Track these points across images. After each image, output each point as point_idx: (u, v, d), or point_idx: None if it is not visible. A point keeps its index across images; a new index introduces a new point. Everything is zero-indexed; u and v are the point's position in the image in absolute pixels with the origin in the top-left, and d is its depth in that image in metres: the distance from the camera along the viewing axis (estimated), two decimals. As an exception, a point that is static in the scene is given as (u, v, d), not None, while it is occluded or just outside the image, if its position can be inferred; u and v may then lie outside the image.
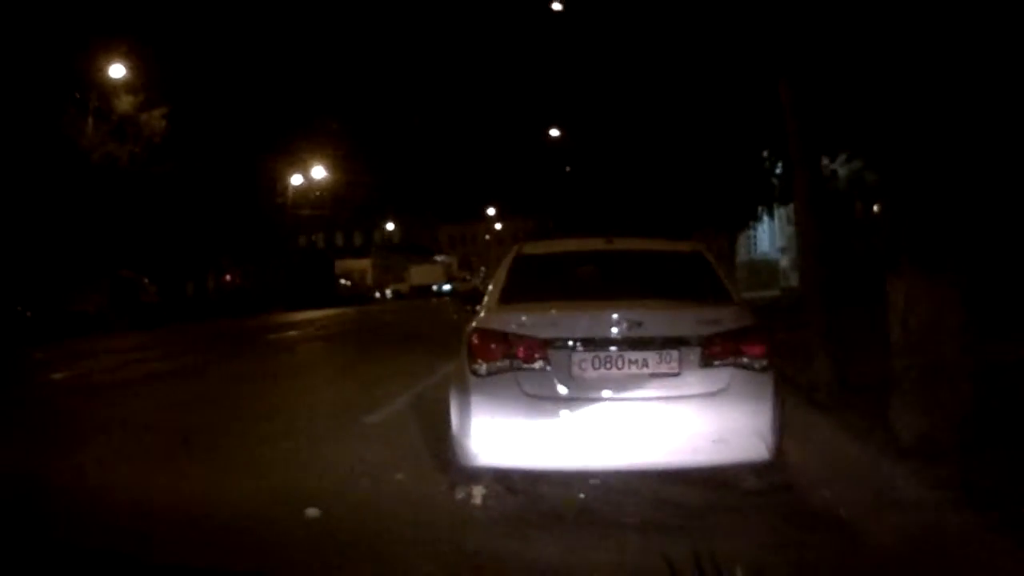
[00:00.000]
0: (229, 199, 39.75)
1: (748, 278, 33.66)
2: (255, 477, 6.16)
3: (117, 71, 32.62)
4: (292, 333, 24.33)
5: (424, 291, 64.96)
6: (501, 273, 6.16)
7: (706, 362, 5.09)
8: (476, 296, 6.81)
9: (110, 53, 32.08)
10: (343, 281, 57.15)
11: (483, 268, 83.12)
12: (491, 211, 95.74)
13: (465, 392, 5.21)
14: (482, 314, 5.66)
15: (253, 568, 3.60)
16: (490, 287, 6.19)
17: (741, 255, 38.27)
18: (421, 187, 76.85)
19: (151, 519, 4.95)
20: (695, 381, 5.09)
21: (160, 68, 33.31)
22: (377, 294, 61.79)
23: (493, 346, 5.19)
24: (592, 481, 5.47)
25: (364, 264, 68.37)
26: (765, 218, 28.98)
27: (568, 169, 38.22)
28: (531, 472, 5.39)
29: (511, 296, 5.76)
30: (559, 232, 35.83)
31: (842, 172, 22.26)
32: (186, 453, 7.05)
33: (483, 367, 5.17)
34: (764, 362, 5.17)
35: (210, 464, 6.63)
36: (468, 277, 78.28)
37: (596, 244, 6.54)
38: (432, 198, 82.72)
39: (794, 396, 7.85)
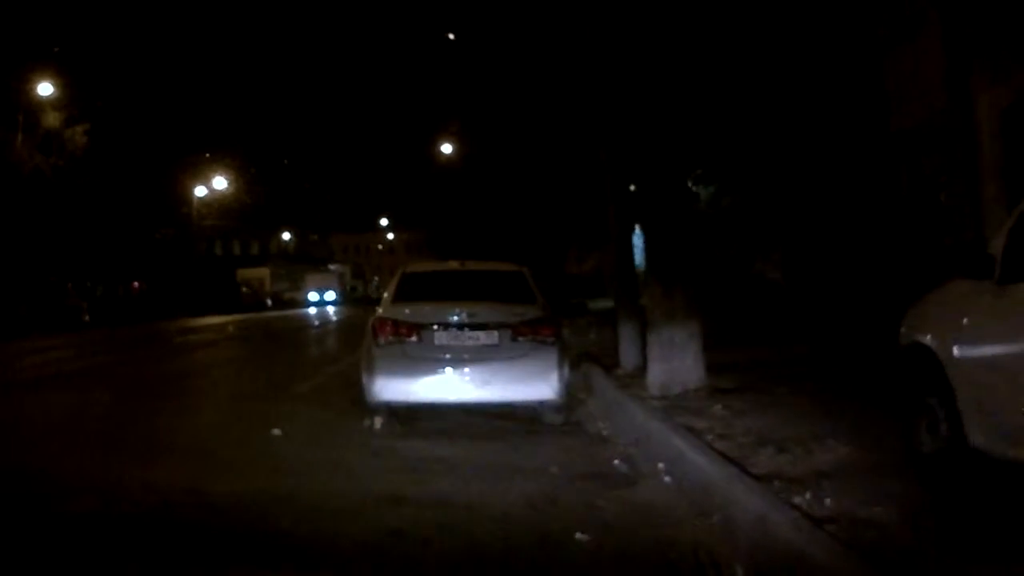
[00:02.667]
0: (140, 209, 41.76)
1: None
2: (233, 417, 9.39)
3: (45, 89, 33.81)
4: (212, 335, 26.92)
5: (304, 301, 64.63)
6: (392, 283, 9.34)
7: (514, 338, 8.33)
8: (378, 300, 10.03)
9: (37, 71, 33.30)
10: (244, 289, 58.55)
11: (376, 278, 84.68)
12: (384, 222, 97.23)
13: (371, 357, 8.35)
14: (380, 309, 8.82)
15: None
16: (385, 293, 9.42)
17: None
18: (316, 198, 77.85)
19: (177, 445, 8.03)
20: (508, 349, 8.32)
21: (80, 87, 34.95)
22: (269, 301, 60.24)
23: (388, 328, 8.36)
24: (448, 414, 8.77)
25: (263, 272, 68.32)
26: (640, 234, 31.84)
27: (459, 183, 41.02)
28: (411, 405, 8.59)
29: (399, 298, 8.91)
30: (434, 250, 39.66)
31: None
32: (182, 411, 10.09)
33: (382, 340, 8.32)
34: (552, 339, 8.43)
35: (202, 412, 9.93)
36: (358, 287, 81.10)
37: (454, 266, 9.95)
38: (326, 208, 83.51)
39: (600, 371, 11.18)
